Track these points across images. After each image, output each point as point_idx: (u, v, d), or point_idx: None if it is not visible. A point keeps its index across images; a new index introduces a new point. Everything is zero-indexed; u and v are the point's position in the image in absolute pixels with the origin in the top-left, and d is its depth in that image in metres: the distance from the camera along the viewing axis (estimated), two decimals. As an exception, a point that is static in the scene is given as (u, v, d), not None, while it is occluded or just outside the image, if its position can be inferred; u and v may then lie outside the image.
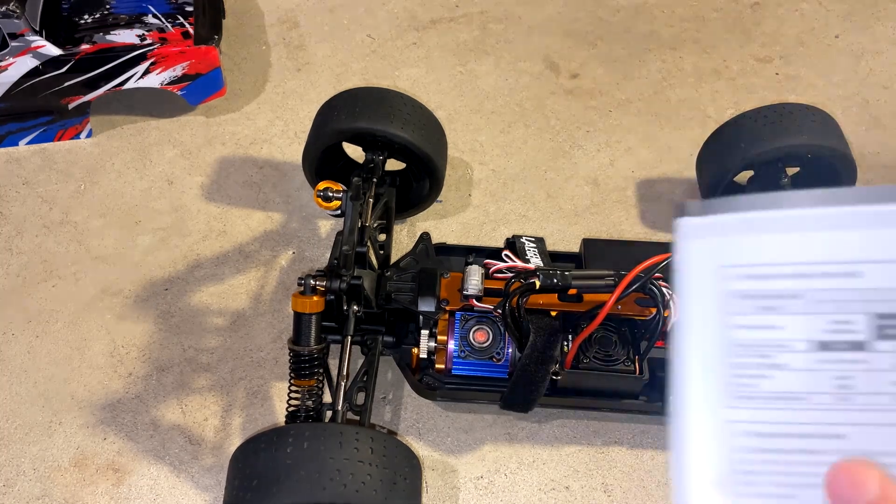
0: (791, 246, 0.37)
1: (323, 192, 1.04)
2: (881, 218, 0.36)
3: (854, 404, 0.36)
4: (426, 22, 1.61)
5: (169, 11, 1.36)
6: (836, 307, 0.37)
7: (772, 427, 0.37)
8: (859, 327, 0.36)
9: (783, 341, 0.37)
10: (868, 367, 0.36)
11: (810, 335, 0.37)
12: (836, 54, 1.53)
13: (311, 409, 0.92)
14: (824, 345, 0.37)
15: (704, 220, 0.39)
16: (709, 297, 0.38)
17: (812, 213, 0.37)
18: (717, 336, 0.38)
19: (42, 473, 1.02)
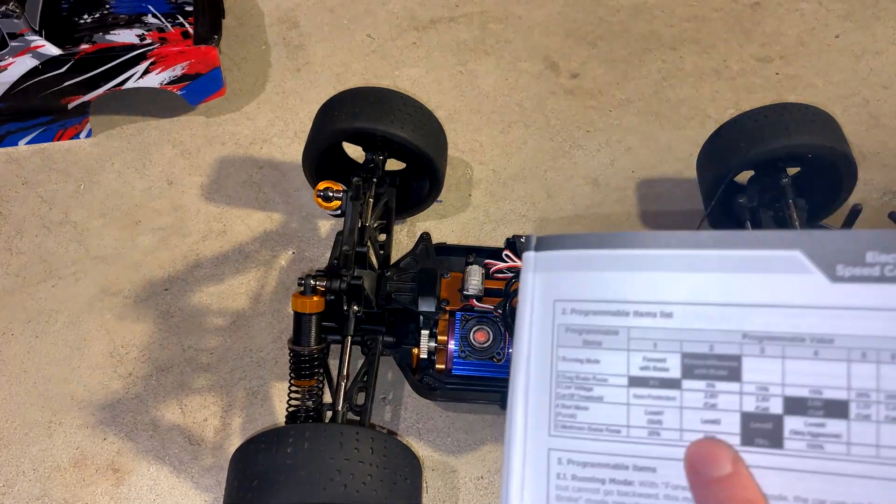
0: (612, 284, 0.40)
1: (323, 191, 1.04)
2: (689, 262, 0.38)
3: (664, 439, 0.38)
4: (426, 22, 1.60)
5: (168, 11, 1.36)
6: (650, 345, 0.39)
7: (589, 457, 0.39)
8: (671, 366, 0.38)
9: (603, 375, 0.39)
10: (678, 404, 0.38)
11: (626, 370, 0.39)
12: (837, 54, 1.53)
13: (311, 410, 0.92)
14: (638, 380, 0.39)
15: (543, 255, 0.41)
16: (543, 329, 0.41)
17: (631, 253, 0.39)
18: (545, 366, 0.40)
19: (42, 473, 1.02)
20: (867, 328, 0.36)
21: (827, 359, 0.36)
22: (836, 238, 0.37)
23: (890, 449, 0.35)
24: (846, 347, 0.36)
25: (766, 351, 0.37)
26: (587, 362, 0.39)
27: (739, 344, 0.37)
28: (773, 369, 0.37)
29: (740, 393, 0.37)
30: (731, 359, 0.37)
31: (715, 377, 0.38)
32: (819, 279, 0.37)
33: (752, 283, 0.37)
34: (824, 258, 0.37)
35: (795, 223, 1.04)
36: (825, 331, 0.36)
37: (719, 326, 0.38)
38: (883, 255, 0.36)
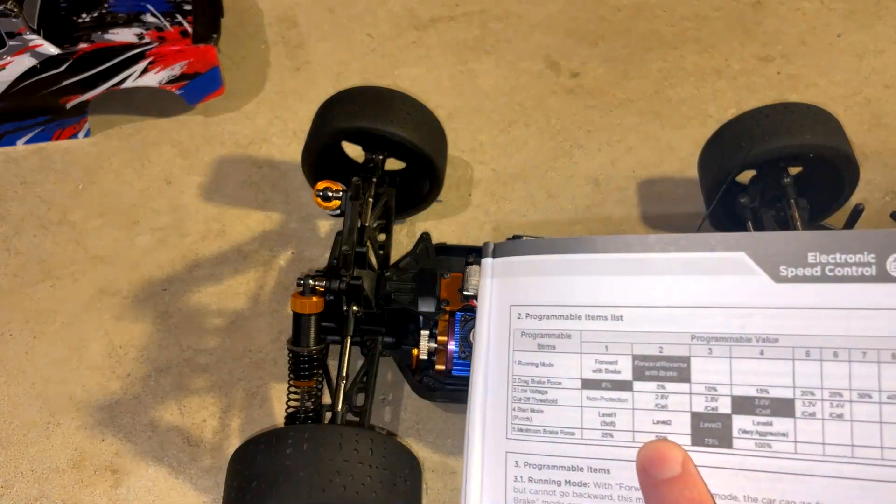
0: (565, 289, 0.40)
1: (322, 191, 1.03)
2: (637, 266, 0.39)
3: (617, 441, 0.38)
4: (426, 21, 1.60)
5: (167, 10, 1.35)
6: (602, 348, 0.39)
7: (545, 459, 0.39)
8: (622, 368, 0.39)
9: (557, 378, 0.40)
10: (630, 405, 0.38)
11: (579, 373, 0.39)
12: (838, 53, 1.53)
13: (310, 411, 0.92)
14: (591, 383, 0.39)
15: (500, 261, 0.42)
16: (499, 334, 0.41)
17: (582, 258, 0.40)
18: (502, 370, 0.41)
19: (40, 475, 1.02)
20: (810, 327, 0.36)
21: (772, 358, 0.37)
22: (778, 239, 0.37)
23: (835, 446, 0.36)
24: (791, 346, 0.36)
25: (714, 351, 0.37)
26: (542, 366, 0.40)
27: (688, 345, 0.38)
28: (721, 370, 0.37)
29: (690, 394, 0.38)
30: (681, 360, 0.38)
31: (665, 378, 0.38)
32: (763, 280, 0.37)
33: (698, 285, 0.38)
34: (768, 259, 0.37)
35: (797, 223, 1.03)
36: (770, 331, 0.37)
37: (668, 328, 0.38)
38: (823, 256, 0.36)
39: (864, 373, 0.35)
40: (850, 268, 0.36)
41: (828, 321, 0.36)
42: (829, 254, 0.36)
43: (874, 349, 0.35)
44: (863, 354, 0.35)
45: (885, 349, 0.35)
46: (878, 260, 0.36)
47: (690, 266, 0.38)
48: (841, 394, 0.36)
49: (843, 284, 0.36)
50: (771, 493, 0.36)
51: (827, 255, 0.36)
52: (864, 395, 0.35)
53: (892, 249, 0.36)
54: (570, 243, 0.40)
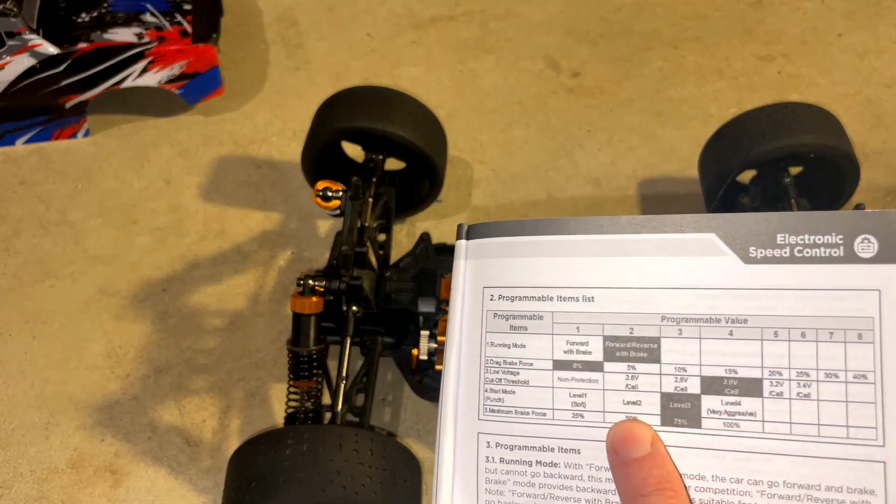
0: (537, 270, 0.40)
1: (322, 191, 1.03)
2: (609, 247, 0.39)
3: (588, 421, 0.39)
4: (426, 20, 1.60)
5: (167, 10, 1.35)
6: (574, 329, 0.40)
7: (516, 440, 0.40)
8: (593, 349, 0.39)
9: (529, 359, 0.40)
10: (601, 386, 0.39)
11: (551, 354, 0.40)
12: (839, 53, 1.53)
13: (310, 411, 0.91)
14: (562, 363, 0.40)
15: (473, 243, 0.42)
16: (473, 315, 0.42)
17: (553, 239, 0.40)
18: (475, 352, 0.41)
19: (39, 475, 1.02)
20: (778, 308, 0.37)
21: (741, 338, 0.37)
22: (748, 221, 0.38)
23: (801, 426, 0.36)
24: (759, 327, 0.37)
25: (684, 332, 0.38)
26: (514, 347, 0.40)
27: (658, 326, 0.38)
28: (691, 350, 0.38)
29: (660, 374, 0.38)
30: (651, 341, 0.38)
31: (635, 359, 0.38)
32: (733, 261, 0.38)
33: (669, 267, 0.38)
34: (738, 240, 0.38)
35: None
36: (739, 311, 0.37)
37: (639, 309, 0.39)
38: (792, 237, 0.37)
39: (830, 353, 0.36)
40: (819, 249, 0.36)
41: (796, 302, 0.37)
42: (797, 235, 0.37)
43: (841, 329, 0.36)
44: (830, 334, 0.36)
45: (852, 329, 0.36)
46: (846, 241, 0.36)
47: (661, 247, 0.39)
48: (808, 373, 0.36)
49: (812, 265, 0.36)
50: (739, 472, 0.36)
51: (796, 236, 0.37)
52: (830, 374, 0.36)
53: (859, 230, 0.36)
54: (543, 224, 0.41)
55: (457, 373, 0.41)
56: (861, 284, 0.36)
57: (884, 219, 0.36)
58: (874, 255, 0.36)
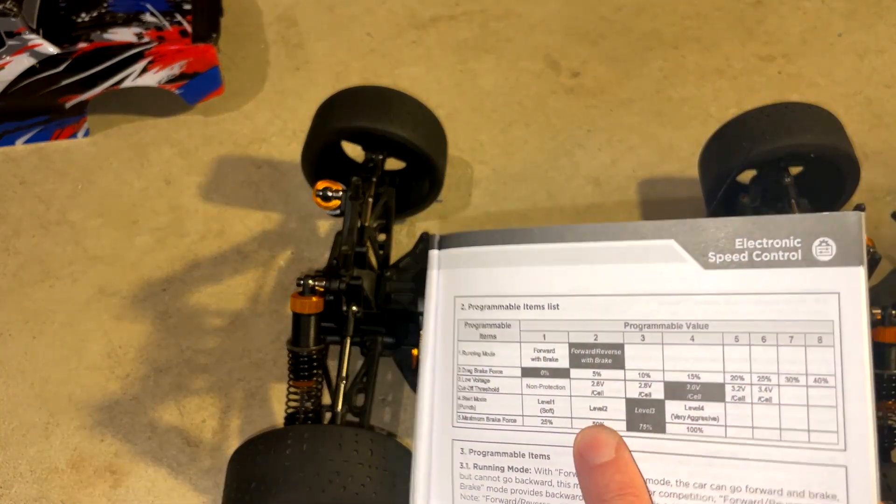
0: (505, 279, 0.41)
1: (322, 191, 1.03)
2: (572, 255, 0.40)
3: (556, 427, 0.39)
4: (426, 20, 1.60)
5: (167, 9, 1.35)
6: (540, 336, 0.40)
7: (489, 446, 0.41)
8: (560, 355, 0.40)
9: (498, 367, 0.41)
10: (567, 392, 0.39)
11: (520, 362, 0.41)
12: (839, 53, 1.53)
13: (310, 411, 0.91)
14: (530, 371, 0.40)
15: (445, 253, 0.44)
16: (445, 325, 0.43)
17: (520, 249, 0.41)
18: (447, 360, 0.42)
19: (39, 475, 1.02)
20: (738, 312, 0.37)
21: (703, 343, 0.37)
22: (707, 226, 0.38)
23: (763, 430, 0.36)
24: (720, 332, 0.37)
25: (647, 338, 0.38)
26: (484, 355, 0.41)
27: (622, 332, 0.39)
28: (654, 356, 0.38)
29: (624, 380, 0.39)
30: (615, 347, 0.39)
31: (600, 365, 0.39)
32: (693, 267, 0.38)
33: (631, 273, 0.39)
34: (697, 246, 0.38)
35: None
36: (700, 316, 0.38)
37: (603, 316, 0.39)
38: (750, 241, 0.37)
39: (791, 357, 0.36)
40: (777, 253, 0.37)
41: (755, 306, 0.37)
42: (755, 239, 0.37)
43: (801, 333, 0.36)
44: (790, 338, 0.36)
45: (812, 333, 0.36)
46: (804, 244, 0.36)
47: (623, 254, 0.39)
48: (769, 378, 0.36)
49: (770, 269, 0.37)
50: (702, 477, 0.36)
51: (754, 240, 0.37)
52: (791, 378, 0.36)
53: (817, 234, 0.36)
54: (510, 234, 0.41)
55: (431, 381, 0.42)
56: (820, 288, 0.36)
57: (840, 221, 0.36)
58: (832, 257, 0.36)
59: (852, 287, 0.35)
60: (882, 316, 0.88)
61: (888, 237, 1.24)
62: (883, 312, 0.88)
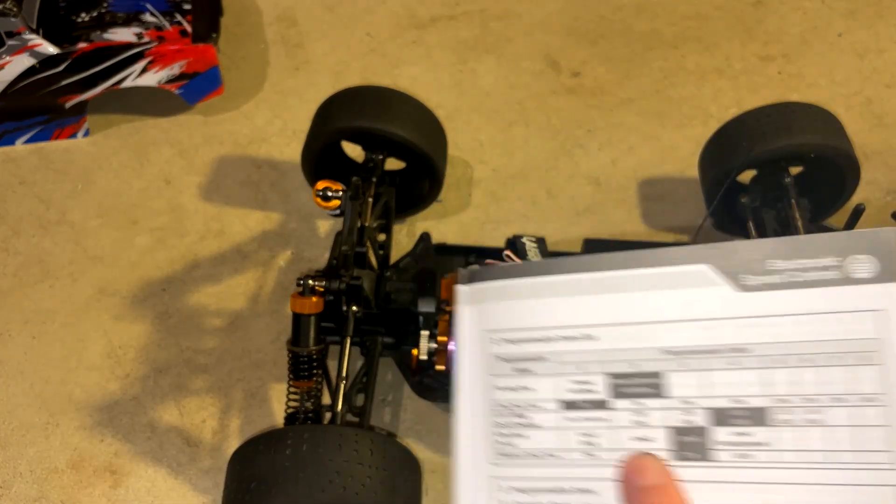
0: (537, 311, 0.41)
1: (322, 191, 1.03)
2: (605, 284, 0.39)
3: (600, 460, 0.38)
4: (426, 20, 1.60)
5: (167, 9, 1.35)
6: (577, 368, 0.40)
7: (530, 483, 0.40)
8: (598, 387, 0.39)
9: (535, 401, 0.40)
10: (609, 424, 0.39)
11: (557, 395, 0.40)
12: (839, 53, 1.53)
13: (309, 411, 0.91)
14: (570, 404, 0.40)
15: (474, 288, 0.43)
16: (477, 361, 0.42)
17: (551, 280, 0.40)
18: (482, 397, 0.41)
19: (39, 475, 1.02)
20: (778, 334, 0.36)
21: (744, 367, 0.37)
22: (739, 249, 0.38)
23: (812, 453, 0.36)
24: (759, 355, 0.36)
25: (686, 365, 0.38)
26: (520, 390, 0.40)
27: (660, 360, 0.38)
28: (695, 383, 0.37)
29: (666, 409, 0.38)
30: (654, 375, 0.38)
31: (641, 395, 0.38)
32: (727, 290, 0.37)
33: (666, 300, 0.38)
34: (730, 269, 0.37)
35: (798, 223, 1.03)
36: (738, 340, 0.37)
37: (639, 345, 0.38)
38: (783, 262, 0.37)
39: (835, 377, 0.35)
40: (813, 272, 0.36)
41: (795, 327, 0.36)
42: (790, 260, 0.37)
43: (842, 353, 0.35)
44: (833, 358, 0.35)
45: (854, 352, 0.35)
46: (839, 263, 0.36)
47: (656, 281, 0.39)
48: (815, 399, 0.36)
49: (807, 290, 0.36)
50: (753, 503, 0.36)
51: (788, 261, 0.37)
52: (837, 398, 0.35)
53: (851, 251, 0.36)
54: (540, 266, 0.41)
55: (467, 418, 0.41)
56: (861, 305, 0.35)
57: (879, 237, 0.35)
58: (875, 274, 0.35)
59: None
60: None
61: (888, 237, 1.24)
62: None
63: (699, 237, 1.19)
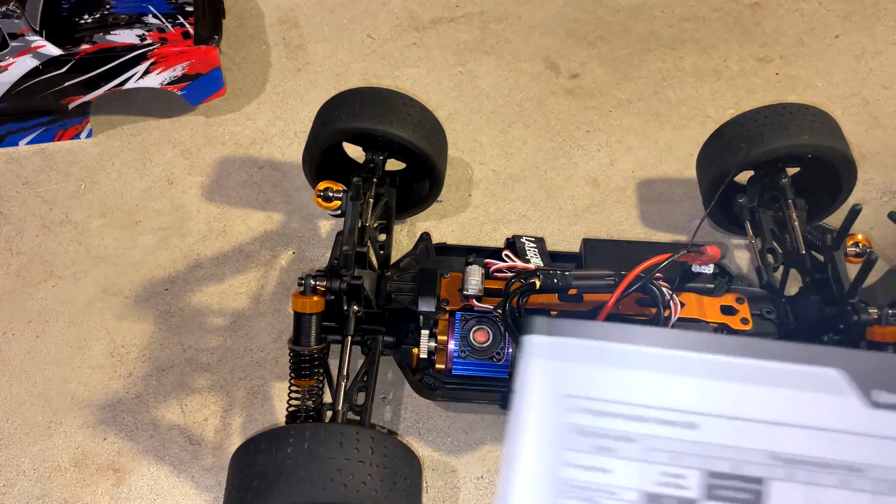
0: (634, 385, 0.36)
1: (323, 192, 1.04)
2: (717, 369, 0.35)
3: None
4: (426, 22, 1.60)
5: (169, 11, 1.36)
6: (670, 458, 0.35)
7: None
8: (691, 483, 0.35)
9: (613, 487, 0.35)
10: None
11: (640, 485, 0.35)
12: (836, 54, 1.53)
13: (311, 409, 0.92)
14: (653, 497, 0.35)
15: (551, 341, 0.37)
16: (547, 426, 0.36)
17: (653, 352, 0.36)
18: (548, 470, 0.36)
19: (42, 473, 1.02)
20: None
21: (854, 489, 0.34)
22: (877, 360, 0.34)
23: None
24: (875, 478, 0.33)
25: (794, 476, 0.34)
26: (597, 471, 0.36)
27: (766, 465, 0.34)
28: (800, 496, 0.34)
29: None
30: (756, 481, 0.34)
31: (736, 500, 0.34)
32: (856, 403, 0.34)
33: (784, 400, 0.35)
34: (863, 381, 0.34)
35: (795, 223, 1.04)
36: (857, 459, 0.34)
37: (746, 444, 0.35)
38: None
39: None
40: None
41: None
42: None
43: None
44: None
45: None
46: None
47: (778, 377, 0.35)
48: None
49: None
50: None
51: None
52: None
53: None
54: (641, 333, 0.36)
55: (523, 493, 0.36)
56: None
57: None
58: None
59: None
60: (879, 315, 0.89)
61: (885, 237, 1.25)
62: (880, 312, 0.89)
63: (697, 237, 1.20)
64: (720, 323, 0.92)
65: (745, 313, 0.95)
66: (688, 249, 0.87)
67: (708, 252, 0.88)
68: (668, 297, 0.86)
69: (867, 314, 0.89)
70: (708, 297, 0.97)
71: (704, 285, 0.98)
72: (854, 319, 0.89)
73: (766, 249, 1.04)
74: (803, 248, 1.00)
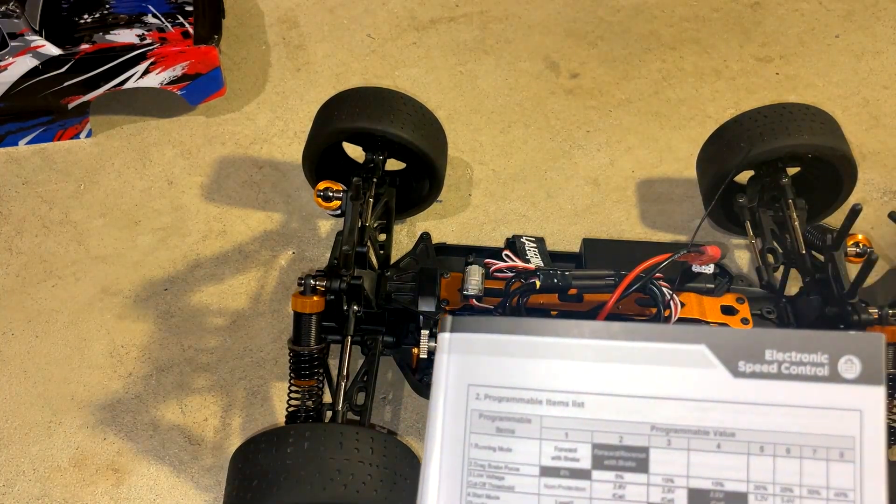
0: (530, 372, 0.40)
1: (323, 191, 1.04)
2: (601, 352, 0.39)
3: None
4: (426, 21, 1.60)
5: (169, 11, 1.36)
6: (562, 435, 0.39)
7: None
8: (583, 455, 0.39)
9: (516, 464, 0.40)
10: (587, 495, 0.38)
11: (539, 460, 0.39)
12: (837, 54, 1.53)
13: (311, 410, 0.92)
14: (549, 470, 0.39)
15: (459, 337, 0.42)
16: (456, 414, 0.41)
17: (545, 341, 0.40)
18: (457, 453, 0.40)
19: (42, 474, 1.02)
20: (765, 423, 0.37)
21: (728, 452, 0.38)
22: (738, 335, 0.39)
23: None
24: (746, 441, 0.37)
25: (673, 443, 0.38)
26: (500, 450, 0.40)
27: (647, 436, 0.39)
28: (679, 461, 0.38)
29: (647, 484, 0.38)
30: (640, 450, 0.38)
31: (624, 468, 0.38)
32: (722, 374, 0.38)
33: (659, 376, 0.39)
34: (727, 353, 0.38)
35: (795, 223, 1.04)
36: (727, 424, 0.38)
37: (629, 418, 0.39)
38: (780, 353, 0.38)
39: (813, 470, 0.36)
40: (805, 367, 0.37)
41: (782, 418, 0.37)
42: (785, 352, 0.37)
43: (824, 447, 0.37)
44: (813, 452, 0.37)
45: (834, 447, 0.36)
46: (831, 361, 0.37)
47: (653, 356, 0.39)
48: (791, 489, 0.37)
49: (798, 383, 0.37)
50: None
51: (783, 352, 0.38)
52: (813, 491, 0.36)
53: (843, 351, 0.37)
54: (534, 325, 0.40)
55: (438, 473, 0.41)
56: (843, 404, 0.37)
57: (866, 341, 0.37)
58: (857, 376, 0.37)
59: (874, 406, 0.36)
60: (879, 315, 0.89)
61: (886, 237, 1.25)
62: (880, 312, 0.89)
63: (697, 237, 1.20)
64: (720, 323, 0.92)
65: (746, 313, 0.95)
66: (688, 249, 0.87)
67: (708, 252, 0.88)
68: (669, 297, 0.86)
69: (867, 314, 0.89)
70: (708, 296, 0.97)
71: (704, 285, 0.98)
72: (854, 319, 0.89)
73: (767, 249, 1.04)
74: (803, 248, 1.00)
